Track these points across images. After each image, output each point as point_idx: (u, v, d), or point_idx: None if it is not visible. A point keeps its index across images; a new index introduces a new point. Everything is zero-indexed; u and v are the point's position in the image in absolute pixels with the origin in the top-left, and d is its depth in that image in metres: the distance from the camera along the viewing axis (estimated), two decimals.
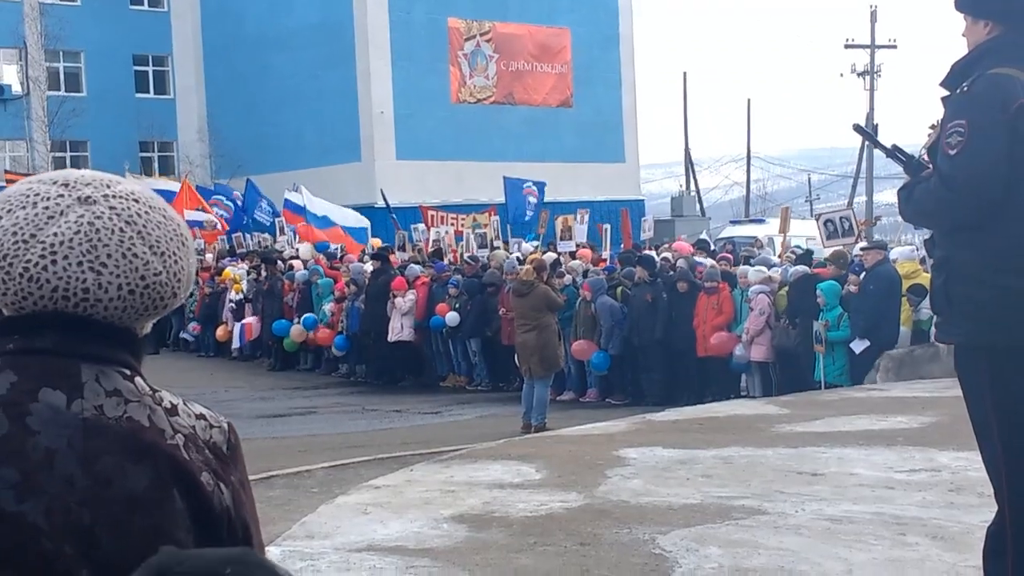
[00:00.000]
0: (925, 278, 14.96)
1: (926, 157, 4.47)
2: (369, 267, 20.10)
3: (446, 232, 22.62)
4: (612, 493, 8.15)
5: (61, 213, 1.58)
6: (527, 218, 23.75)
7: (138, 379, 1.61)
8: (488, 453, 9.96)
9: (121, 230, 1.59)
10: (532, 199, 23.86)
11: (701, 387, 16.49)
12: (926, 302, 14.36)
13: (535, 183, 24.41)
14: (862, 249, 16.05)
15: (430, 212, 24.51)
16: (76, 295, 1.56)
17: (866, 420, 10.78)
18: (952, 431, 9.37)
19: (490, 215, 23.34)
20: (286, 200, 25.07)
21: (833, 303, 14.82)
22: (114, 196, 1.62)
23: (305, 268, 21.59)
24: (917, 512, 7.36)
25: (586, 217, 18.95)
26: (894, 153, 4.66)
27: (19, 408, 1.51)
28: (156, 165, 44.28)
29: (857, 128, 5.29)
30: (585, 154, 41.78)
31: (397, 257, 21.13)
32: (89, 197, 1.60)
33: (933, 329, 14.07)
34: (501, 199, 24.91)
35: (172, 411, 1.61)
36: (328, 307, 20.52)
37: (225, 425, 1.70)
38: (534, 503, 7.92)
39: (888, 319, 14.65)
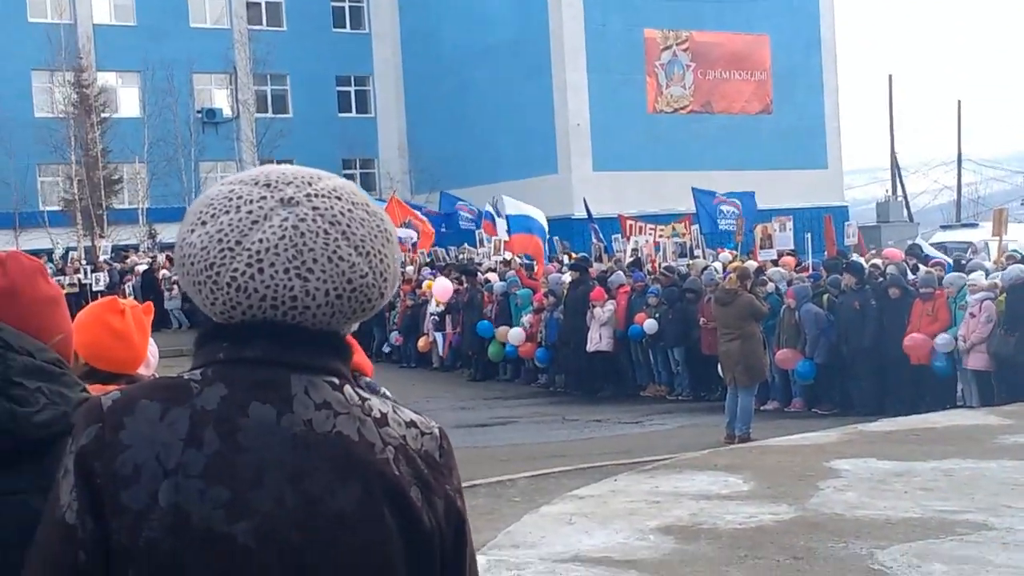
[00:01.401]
0: None
1: None
2: (568, 278, 20.02)
3: (645, 241, 22.37)
4: (825, 506, 7.83)
5: (265, 217, 1.53)
6: (720, 228, 23.29)
7: (347, 387, 1.56)
8: (693, 463, 9.74)
9: (326, 232, 1.53)
10: (728, 208, 23.40)
11: (914, 397, 15.82)
12: None
13: (738, 195, 23.92)
14: None
15: (628, 221, 24.29)
16: (284, 303, 1.52)
17: None
18: None
19: (687, 224, 22.97)
20: (486, 212, 25.24)
21: None
22: (316, 195, 1.56)
23: (503, 280, 21.66)
24: None
25: (788, 224, 18.38)
26: None
27: (230, 424, 1.49)
28: (359, 182, 45.43)
29: None
30: (786, 161, 40.86)
31: (595, 268, 21.00)
32: (292, 198, 1.55)
33: None
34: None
35: (382, 421, 1.55)
36: (527, 318, 20.52)
37: (437, 431, 1.63)
38: (743, 515, 7.67)
39: None
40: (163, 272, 30.38)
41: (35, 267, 2.20)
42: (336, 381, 1.55)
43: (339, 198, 1.57)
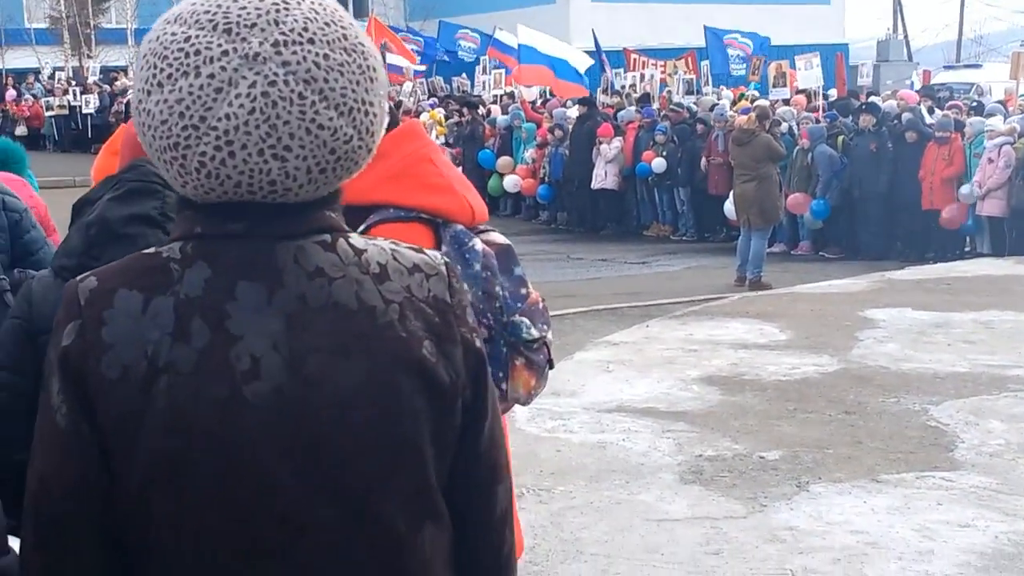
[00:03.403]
0: None
1: None
2: (574, 112, 19.55)
3: (651, 76, 21.82)
4: (868, 357, 7.68)
5: (230, 82, 1.34)
6: (732, 73, 22.68)
7: (340, 243, 1.43)
8: (724, 310, 9.57)
9: (300, 96, 1.35)
10: (735, 52, 22.76)
11: (923, 244, 15.66)
12: None
13: (749, 35, 23.25)
14: None
15: (632, 55, 23.63)
16: (262, 188, 1.37)
17: None
18: None
19: (690, 60, 22.39)
20: (494, 40, 24.44)
21: None
22: (285, 44, 1.35)
23: (506, 113, 21.15)
24: None
25: (815, 61, 17.73)
26: None
27: (218, 312, 1.37)
28: (351, 6, 44.17)
29: None
30: None
31: (600, 101, 20.49)
32: (258, 55, 1.34)
33: None
34: (698, 42, 23.90)
35: (381, 276, 1.43)
36: (530, 153, 20.12)
37: (443, 267, 1.50)
38: (785, 366, 7.52)
39: None
40: None
41: None
42: (327, 239, 1.43)
43: (312, 41, 1.36)
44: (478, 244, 2.57)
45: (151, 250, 1.43)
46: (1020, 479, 5.45)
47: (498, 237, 2.70)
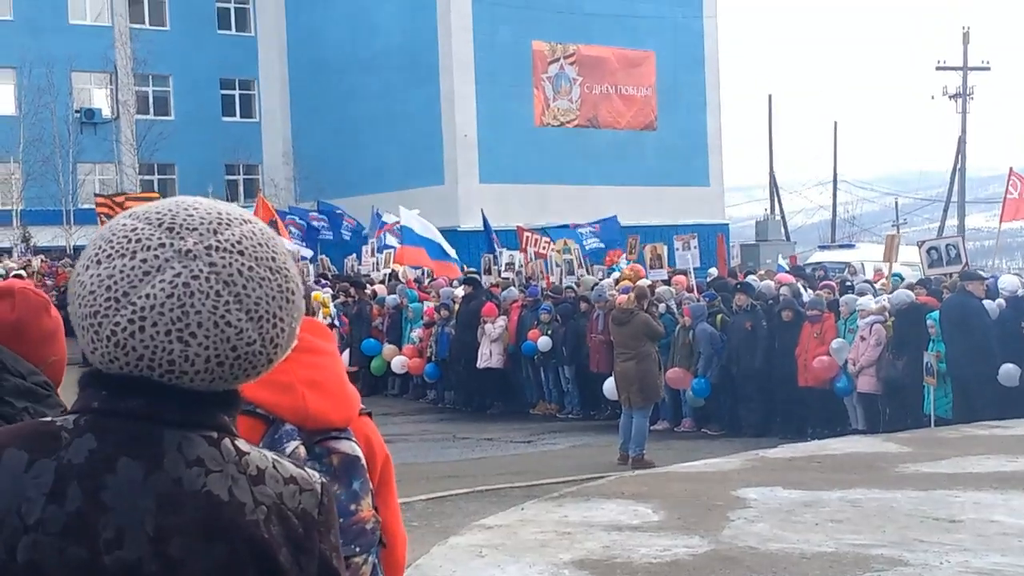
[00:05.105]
0: None
1: None
2: (460, 292, 19.82)
3: (533, 253, 22.30)
4: (738, 538, 7.76)
5: (158, 269, 1.47)
6: (588, 249, 23.47)
7: (225, 442, 1.52)
8: (601, 491, 9.62)
9: (217, 294, 1.47)
10: (592, 235, 23.66)
11: (801, 419, 15.99)
12: None
13: (597, 221, 24.19)
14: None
15: (526, 233, 24.13)
16: (161, 365, 1.47)
17: (995, 461, 10.28)
18: None
19: (564, 243, 22.99)
20: (381, 222, 24.79)
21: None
22: (217, 249, 1.49)
23: (394, 293, 21.35)
24: None
25: (693, 243, 18.37)
26: None
27: (95, 481, 1.44)
28: (241, 188, 44.57)
29: None
30: (669, 178, 41.24)
31: (484, 280, 20.83)
32: (190, 251, 1.48)
33: None
34: (583, 221, 24.72)
35: (257, 479, 1.51)
36: (417, 332, 20.26)
37: (318, 487, 1.58)
38: (656, 548, 7.56)
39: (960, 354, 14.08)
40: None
41: (41, 303, 2.35)
42: (214, 435, 1.51)
43: (242, 253, 1.50)
44: (291, 447, 2.54)
45: (48, 419, 1.52)
46: None
47: (346, 447, 2.63)
